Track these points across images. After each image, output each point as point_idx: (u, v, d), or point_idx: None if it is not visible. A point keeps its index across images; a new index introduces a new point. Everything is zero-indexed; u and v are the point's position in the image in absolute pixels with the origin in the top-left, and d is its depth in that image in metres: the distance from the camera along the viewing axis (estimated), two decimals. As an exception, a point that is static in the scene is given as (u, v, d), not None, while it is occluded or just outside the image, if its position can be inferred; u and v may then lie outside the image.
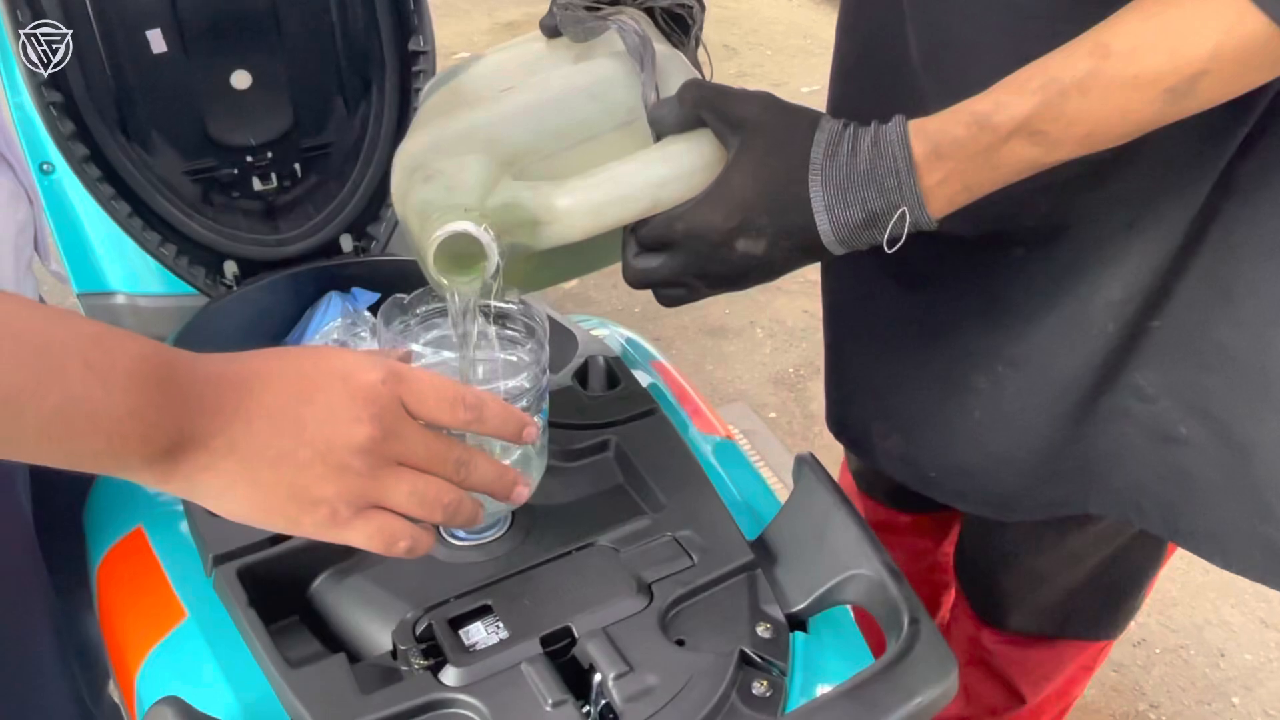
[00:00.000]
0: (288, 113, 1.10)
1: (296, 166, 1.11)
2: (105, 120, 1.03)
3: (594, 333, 0.99)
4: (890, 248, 0.65)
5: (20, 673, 0.84)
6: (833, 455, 2.08)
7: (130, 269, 1.34)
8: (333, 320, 1.07)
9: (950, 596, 1.28)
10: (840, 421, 1.01)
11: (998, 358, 0.82)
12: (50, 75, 0.98)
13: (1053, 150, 0.62)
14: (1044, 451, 0.83)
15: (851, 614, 0.69)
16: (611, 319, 1.11)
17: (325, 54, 1.10)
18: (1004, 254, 0.79)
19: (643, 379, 0.87)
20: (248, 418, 0.51)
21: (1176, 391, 0.78)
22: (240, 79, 1.07)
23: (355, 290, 1.12)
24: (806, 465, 0.70)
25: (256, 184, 1.11)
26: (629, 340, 1.09)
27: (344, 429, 0.53)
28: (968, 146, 0.62)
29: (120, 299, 1.30)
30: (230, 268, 1.09)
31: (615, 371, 0.84)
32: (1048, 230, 0.77)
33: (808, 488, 0.69)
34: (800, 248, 0.65)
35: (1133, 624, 1.70)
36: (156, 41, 1.03)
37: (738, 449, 0.84)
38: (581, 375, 0.84)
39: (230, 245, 1.08)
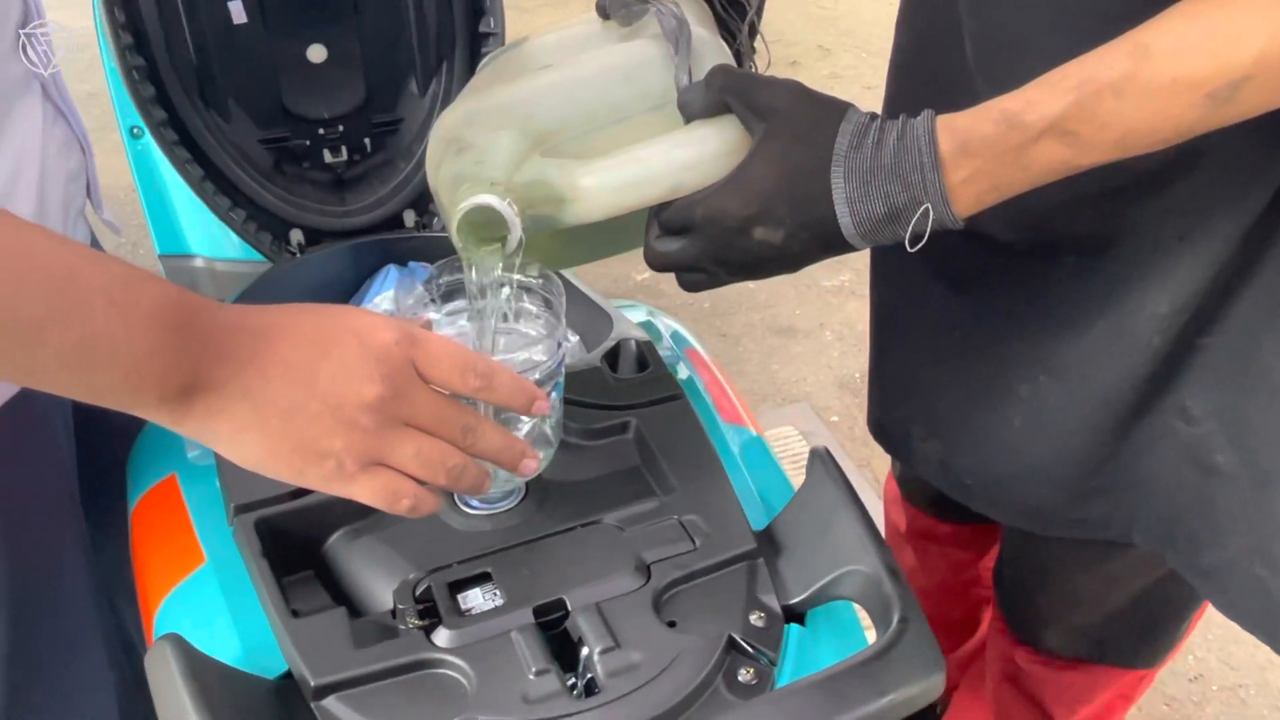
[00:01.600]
0: (361, 88, 1.13)
1: (366, 141, 1.14)
2: (185, 87, 1.07)
3: (638, 319, 0.99)
4: (913, 245, 0.64)
5: (53, 609, 0.88)
6: (889, 461, 2.06)
7: (209, 234, 1.39)
8: (387, 292, 1.10)
9: (989, 613, 1.25)
10: (880, 424, 1.00)
11: (1040, 367, 0.80)
12: (135, 41, 1.03)
13: (1085, 152, 0.60)
14: (1083, 465, 0.81)
15: (856, 612, 0.68)
16: (680, 313, 1.12)
17: (399, 32, 1.13)
18: (1053, 262, 0.77)
19: (679, 367, 0.87)
20: (263, 367, 0.53)
21: (1222, 414, 0.75)
22: (316, 53, 1.10)
23: (413, 264, 1.14)
24: (819, 459, 0.69)
25: (327, 156, 1.14)
26: (673, 333, 1.10)
27: (355, 386, 0.54)
28: (996, 144, 0.61)
29: (199, 262, 1.35)
30: (296, 235, 1.13)
31: (645, 355, 0.84)
32: (1098, 239, 0.75)
33: (818, 482, 0.68)
34: (820, 240, 0.65)
35: (1190, 658, 1.64)
36: (238, 12, 1.07)
37: (763, 443, 0.84)
38: (612, 357, 0.85)
39: (297, 214, 1.11)
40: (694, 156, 0.66)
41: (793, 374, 2.20)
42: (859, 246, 0.66)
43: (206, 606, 0.68)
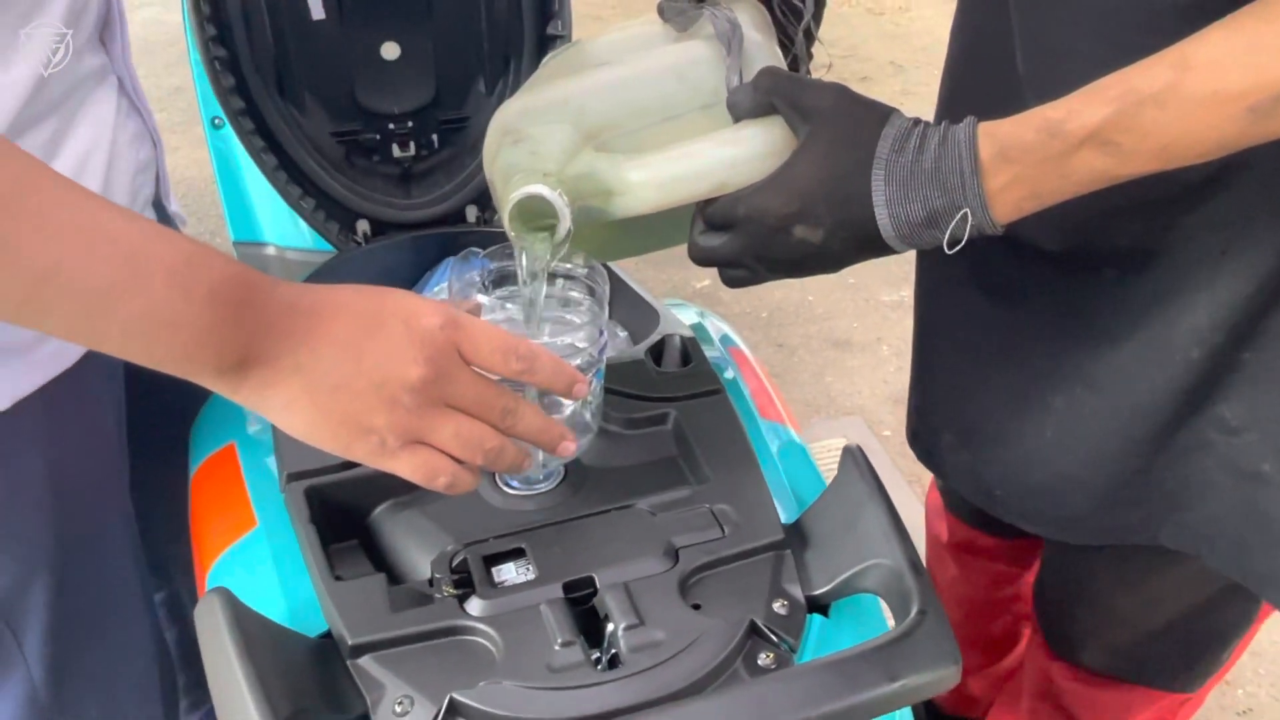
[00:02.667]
0: (431, 86, 1.16)
1: (434, 137, 1.18)
2: (263, 78, 1.12)
3: (689, 320, 1.01)
4: (951, 249, 0.65)
5: (97, 578, 0.92)
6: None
7: (281, 223, 1.44)
8: (444, 284, 1.13)
9: (1029, 629, 1.24)
10: (915, 431, 1.00)
11: (1076, 378, 0.81)
12: (218, 33, 1.07)
13: (1126, 162, 0.61)
14: (1116, 476, 0.81)
15: (881, 607, 0.69)
16: (737, 321, 1.13)
17: (470, 32, 1.16)
18: (1093, 274, 0.78)
19: (723, 365, 0.89)
20: (314, 344, 0.56)
21: (1264, 426, 0.75)
22: (390, 50, 1.14)
23: (474, 258, 1.17)
24: (850, 456, 0.71)
25: (396, 150, 1.17)
26: (712, 325, 1.11)
27: (400, 366, 0.57)
28: (1036, 152, 0.62)
29: (271, 250, 1.40)
30: (362, 226, 1.16)
31: (689, 351, 0.86)
32: (1139, 251, 0.75)
33: (848, 477, 0.70)
34: (858, 240, 0.66)
35: (1240, 692, 1.61)
36: (316, 8, 1.11)
37: (798, 441, 0.85)
38: (656, 352, 0.87)
39: (365, 205, 1.15)
40: (739, 155, 0.68)
41: (847, 387, 2.20)
42: (898, 249, 0.68)
43: (256, 567, 0.71)
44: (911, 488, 1.92)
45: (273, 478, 0.77)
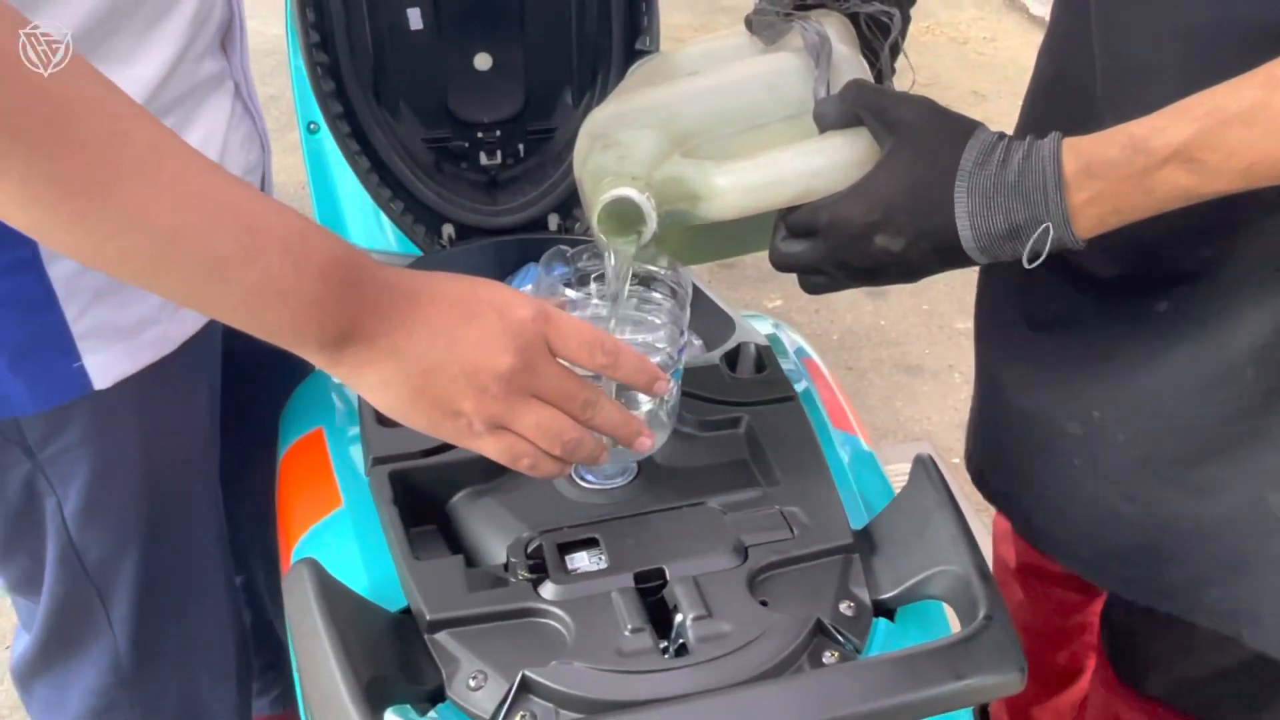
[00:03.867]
0: (520, 96, 1.20)
1: (520, 147, 1.21)
2: (361, 84, 1.16)
3: (764, 330, 1.03)
4: (1030, 262, 0.66)
5: (183, 557, 0.96)
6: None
7: (369, 227, 1.49)
8: (526, 289, 1.16)
9: (1093, 662, 1.22)
10: (968, 454, 1.00)
11: (1112, 404, 0.80)
12: (321, 39, 1.12)
13: (1210, 180, 0.61)
14: (1157, 517, 0.80)
15: (946, 615, 0.69)
16: (810, 341, 1.15)
17: (560, 45, 1.19)
18: (1146, 297, 0.77)
19: (796, 375, 0.90)
20: (411, 327, 0.59)
21: None
22: (482, 60, 1.17)
23: (539, 269, 1.20)
24: (921, 465, 0.71)
25: (483, 158, 1.21)
26: (797, 350, 1.12)
27: (490, 355, 0.59)
28: (1120, 168, 0.62)
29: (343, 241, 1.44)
30: (447, 229, 1.20)
31: (763, 359, 0.88)
32: (1196, 272, 0.74)
33: (918, 485, 0.70)
34: (939, 251, 0.67)
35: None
36: (415, 19, 1.15)
37: (869, 451, 0.86)
38: (731, 358, 0.88)
39: (451, 210, 1.18)
40: (824, 164, 0.69)
41: (916, 412, 2.19)
42: (977, 260, 0.68)
43: (340, 544, 0.74)
44: (980, 516, 1.90)
45: (358, 462, 0.80)
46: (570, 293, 0.73)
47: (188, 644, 1.02)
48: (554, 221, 1.22)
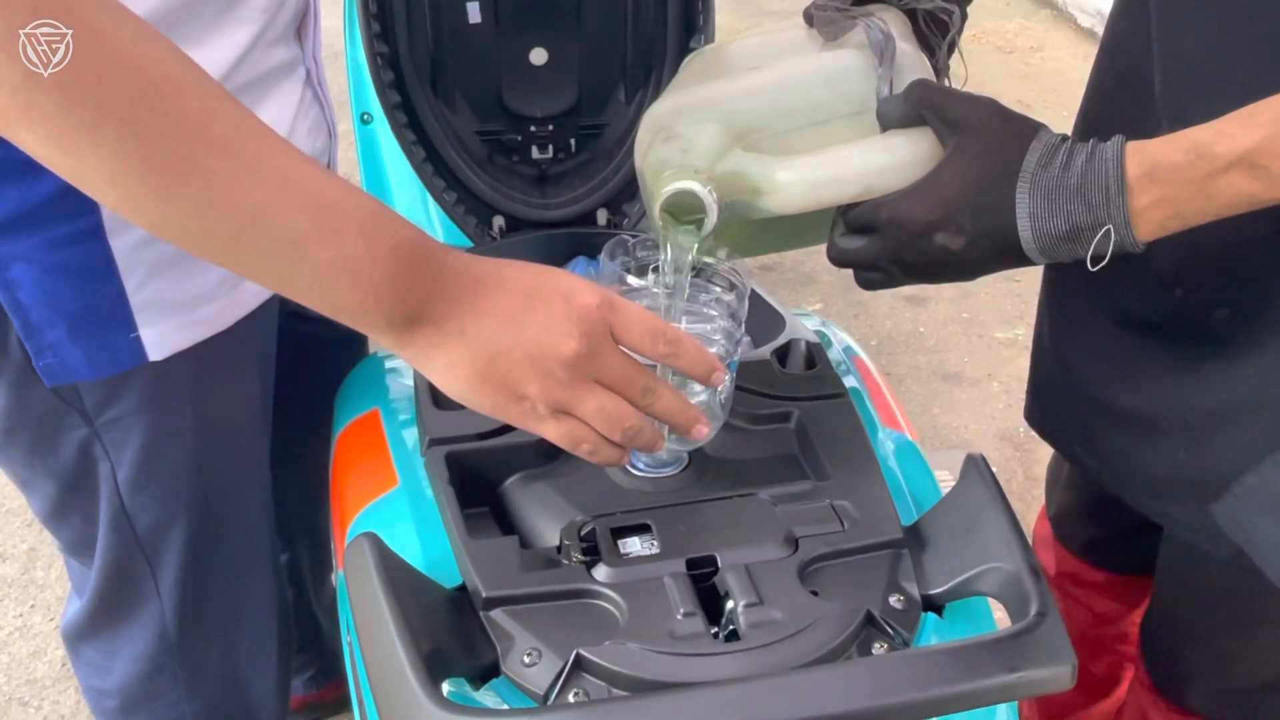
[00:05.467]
0: (573, 92, 1.21)
1: (572, 141, 1.22)
2: (419, 76, 1.18)
3: (812, 327, 1.03)
4: (1094, 266, 0.66)
5: (232, 530, 0.98)
6: (1041, 510, 2.00)
7: (418, 218, 1.50)
8: (580, 278, 1.17)
9: (1130, 673, 1.22)
10: (1041, 425, 1.00)
11: (1213, 406, 0.80)
12: (382, 30, 1.14)
13: (1273, 187, 0.61)
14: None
15: (992, 612, 0.70)
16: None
17: (615, 43, 1.20)
18: (1212, 303, 0.77)
19: (844, 372, 0.90)
20: (479, 312, 0.60)
21: None
22: (538, 55, 1.19)
23: (601, 258, 1.21)
24: (973, 464, 0.72)
25: (535, 152, 1.22)
26: (845, 348, 1.13)
27: (556, 340, 0.61)
28: (1184, 172, 0.63)
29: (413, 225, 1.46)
30: (498, 221, 1.21)
31: (814, 355, 0.88)
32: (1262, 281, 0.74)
33: (969, 483, 0.71)
34: (998, 250, 0.68)
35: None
36: (474, 13, 1.17)
37: (917, 449, 0.86)
38: (782, 354, 0.89)
39: (502, 202, 1.19)
40: (887, 162, 0.70)
41: (954, 420, 2.18)
42: (1036, 261, 0.69)
43: (396, 522, 0.76)
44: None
45: (413, 443, 0.81)
46: (634, 280, 0.74)
47: (232, 616, 1.04)
48: (603, 216, 1.23)
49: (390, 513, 0.77)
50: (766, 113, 0.75)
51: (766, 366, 0.86)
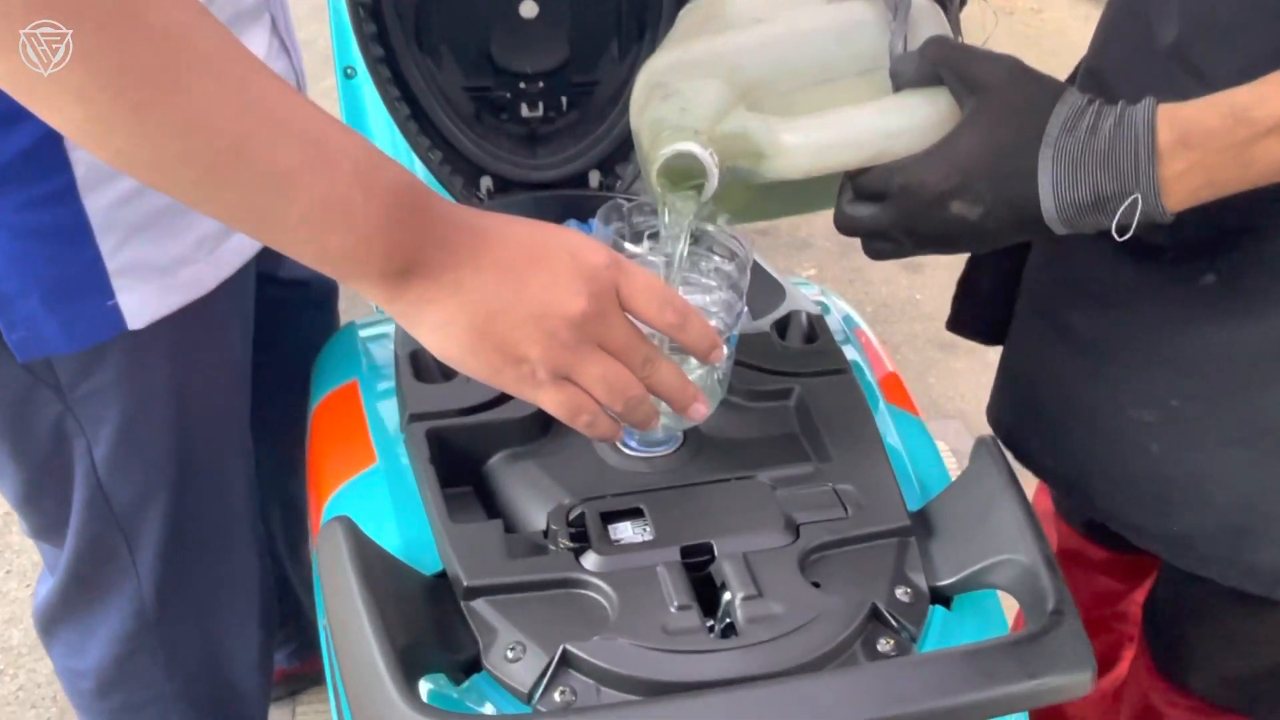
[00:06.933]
0: (564, 47, 1.15)
1: (563, 99, 1.17)
2: (404, 29, 1.12)
3: (813, 298, 0.99)
4: (1121, 236, 0.62)
5: (213, 502, 0.94)
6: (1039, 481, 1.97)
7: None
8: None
9: (1131, 652, 1.19)
10: (995, 418, 0.96)
11: (1191, 392, 0.76)
12: (365, -20, 1.08)
13: None
14: (1240, 495, 0.76)
15: (1001, 604, 0.66)
16: None
17: (609, -3, 1.15)
18: (1200, 267, 0.73)
19: (845, 345, 0.86)
20: (478, 265, 0.55)
21: None
22: (528, 8, 1.13)
23: (593, 221, 1.17)
24: (985, 447, 0.68)
25: (524, 110, 1.17)
26: (845, 317, 1.09)
27: (562, 298, 0.56)
28: (1220, 139, 0.58)
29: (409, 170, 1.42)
30: (486, 182, 1.16)
31: (815, 328, 0.84)
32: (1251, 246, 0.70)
33: (981, 468, 0.67)
34: (1017, 220, 0.64)
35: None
36: (461, -38, 1.11)
37: (923, 427, 0.82)
38: (782, 327, 0.85)
39: (490, 162, 1.14)
40: (901, 124, 0.65)
41: (950, 389, 2.15)
42: (1057, 231, 0.65)
43: (373, 503, 0.72)
44: (1009, 498, 1.86)
45: (393, 417, 0.77)
46: (631, 247, 0.69)
47: (213, 591, 1.00)
48: (595, 178, 1.18)
49: (368, 492, 0.73)
50: (771, 69, 0.70)
51: (766, 339, 0.82)
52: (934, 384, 2.15)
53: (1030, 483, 0.96)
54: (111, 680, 1.00)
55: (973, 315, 1.03)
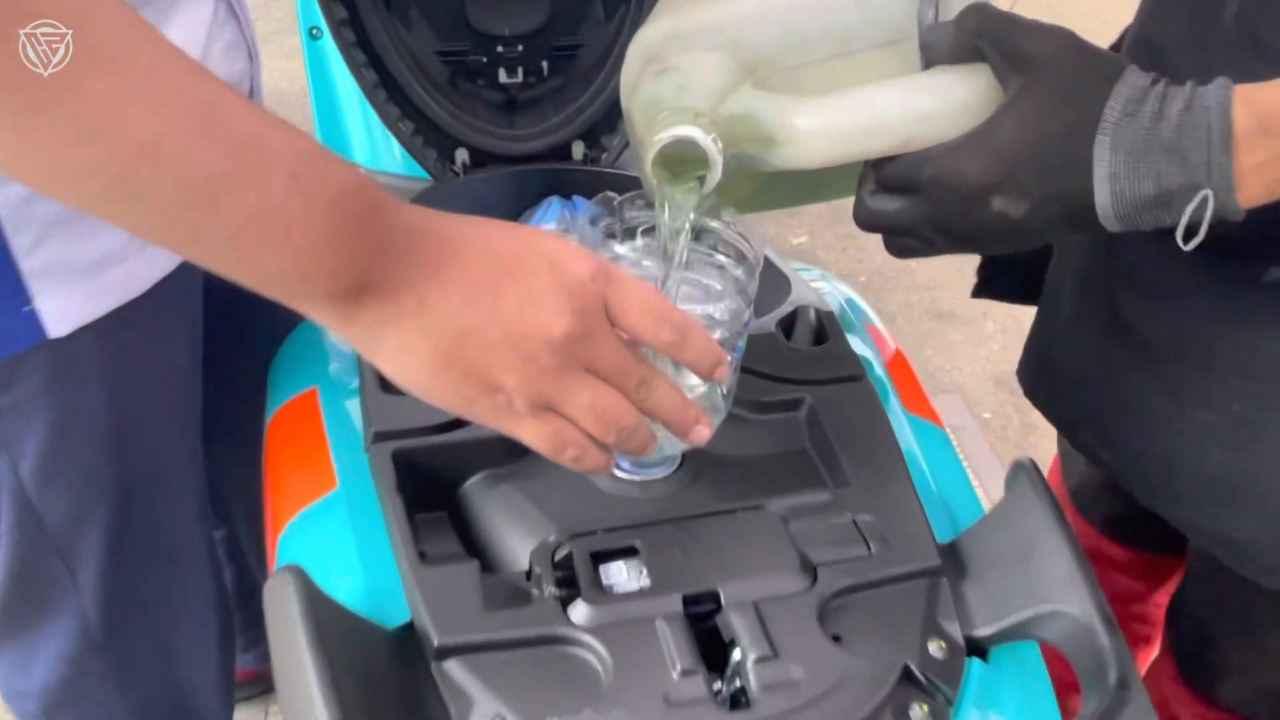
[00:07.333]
0: (545, 7, 1.06)
1: (544, 64, 1.08)
2: (370, -13, 1.03)
3: (813, 284, 0.91)
4: (1187, 241, 0.54)
5: (160, 515, 0.86)
6: (1044, 471, 1.92)
7: (373, 145, 1.36)
8: (547, 225, 1.04)
9: (1150, 653, 1.13)
10: (1030, 386, 0.88)
11: (1255, 397, 0.68)
12: (325, -67, 0.98)
13: None
14: None
15: (1040, 653, 0.59)
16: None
17: (593, -51, 1.06)
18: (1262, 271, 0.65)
19: (855, 344, 0.78)
20: (444, 279, 0.47)
21: None
22: (505, -37, 1.04)
23: (576, 199, 1.09)
24: (1024, 473, 0.60)
25: (503, 75, 1.08)
26: (848, 300, 1.01)
27: (543, 317, 0.48)
28: None
29: (360, 172, 1.34)
30: (461, 155, 1.08)
31: (825, 327, 0.76)
32: None
33: (1021, 499, 0.59)
34: (1066, 218, 0.55)
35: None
36: (430, -85, 1.02)
37: (947, 439, 0.75)
38: (788, 325, 0.77)
39: (465, 132, 1.06)
40: (934, 107, 0.57)
41: (946, 362, 2.08)
42: (1110, 229, 0.56)
43: (332, 536, 0.63)
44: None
45: (357, 431, 0.69)
46: (620, 249, 0.61)
47: (164, 608, 0.93)
48: (579, 150, 1.09)
49: (327, 523, 0.65)
50: (780, 40, 0.61)
51: (772, 341, 0.74)
52: (930, 356, 2.08)
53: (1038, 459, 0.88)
54: (58, 702, 0.93)
55: (1007, 279, 0.94)
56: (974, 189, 0.55)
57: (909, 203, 0.58)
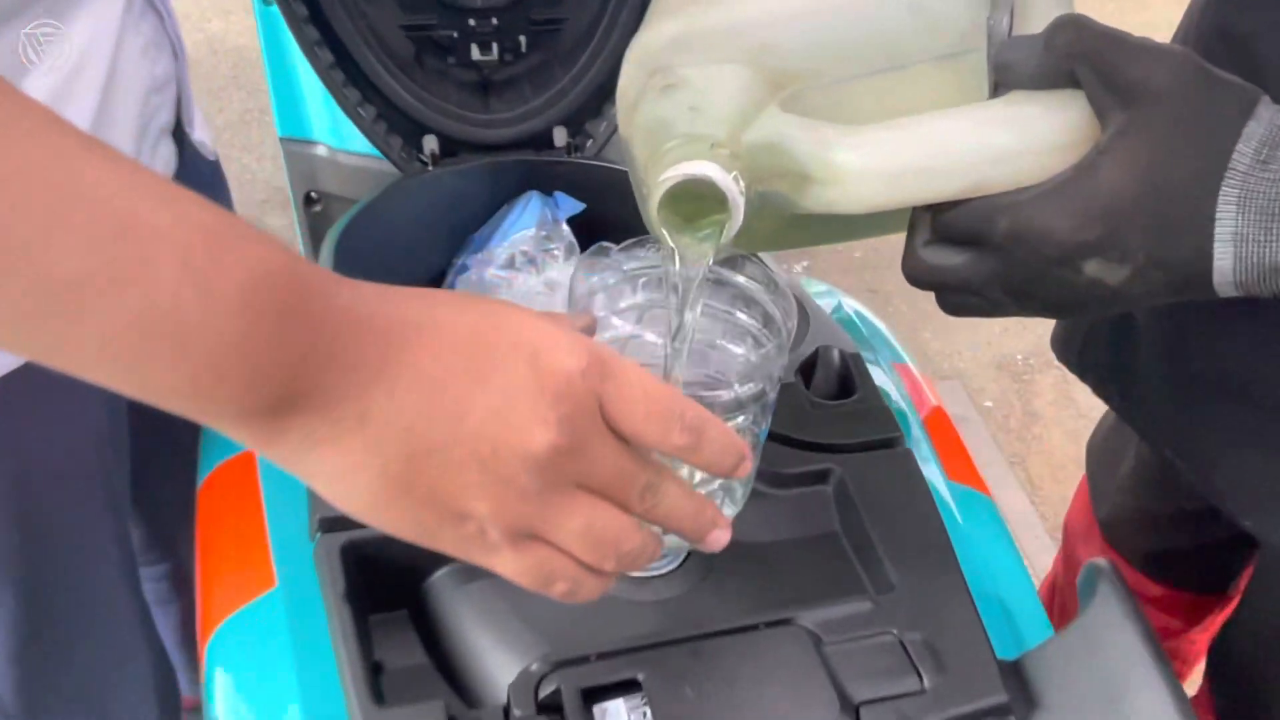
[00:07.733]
0: (523, -26, 0.95)
1: (521, 39, 0.98)
2: (321, -49, 0.91)
3: (820, 301, 0.80)
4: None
5: (77, 585, 0.77)
6: (1050, 464, 1.83)
7: (335, 121, 1.24)
8: (526, 229, 0.94)
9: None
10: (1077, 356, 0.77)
11: None
12: (268, -109, 0.86)
13: None
14: None
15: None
16: (827, 263, 0.93)
17: (575, -92, 0.95)
18: None
19: (880, 381, 0.68)
20: (391, 385, 0.36)
21: None
22: (477, -74, 0.93)
23: (558, 195, 0.99)
24: (1106, 580, 0.50)
25: (475, 52, 0.98)
26: (863, 320, 0.90)
27: (521, 429, 0.37)
28: None
29: (321, 150, 1.24)
30: (430, 143, 0.98)
31: (851, 372, 0.65)
32: None
33: (1102, 616, 0.49)
34: (1174, 285, 0.45)
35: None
36: None
37: (995, 511, 0.64)
38: (807, 369, 0.66)
39: (433, 117, 0.96)
40: (1013, 144, 0.45)
41: (946, 346, 1.98)
42: (1226, 295, 0.46)
43: (268, 651, 0.53)
44: (1013, 470, 1.71)
45: (300, 514, 0.58)
46: (620, 323, 0.49)
47: (92, 679, 0.83)
48: (561, 137, 0.99)
49: (261, 632, 0.54)
50: (815, 50, 0.49)
51: (792, 394, 0.63)
52: (929, 340, 1.98)
53: (1028, 447, 0.76)
54: None
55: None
56: (1064, 250, 0.44)
57: (975, 258, 0.47)
